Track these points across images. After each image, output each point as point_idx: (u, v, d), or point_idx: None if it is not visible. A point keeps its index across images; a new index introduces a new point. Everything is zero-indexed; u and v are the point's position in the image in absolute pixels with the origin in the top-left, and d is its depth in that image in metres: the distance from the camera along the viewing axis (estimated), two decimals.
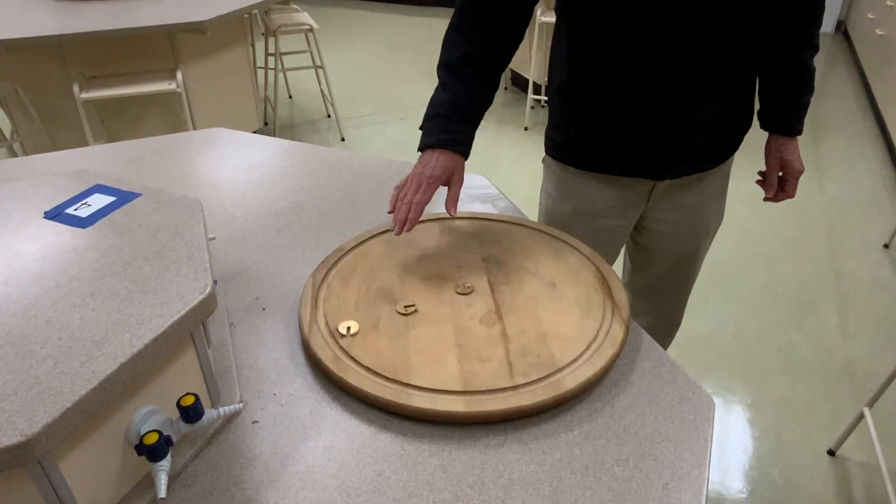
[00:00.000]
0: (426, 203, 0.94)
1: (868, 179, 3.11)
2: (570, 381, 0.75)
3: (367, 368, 0.77)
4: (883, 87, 3.70)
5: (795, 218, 2.78)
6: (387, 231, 1.04)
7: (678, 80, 0.99)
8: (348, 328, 0.83)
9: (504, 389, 0.74)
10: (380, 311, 0.87)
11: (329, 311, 0.86)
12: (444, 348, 0.80)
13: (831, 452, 1.70)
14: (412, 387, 0.74)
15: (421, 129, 1.01)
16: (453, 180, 0.98)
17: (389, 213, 0.96)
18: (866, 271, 2.43)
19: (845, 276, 2.41)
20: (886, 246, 2.57)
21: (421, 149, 0.99)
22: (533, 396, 0.73)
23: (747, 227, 2.72)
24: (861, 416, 1.61)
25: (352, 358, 0.78)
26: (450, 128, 0.98)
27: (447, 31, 1.02)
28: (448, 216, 1.08)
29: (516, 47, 1.04)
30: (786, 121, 1.13)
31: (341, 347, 0.80)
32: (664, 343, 1.48)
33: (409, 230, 0.93)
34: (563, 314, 0.86)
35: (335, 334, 0.82)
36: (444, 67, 1.01)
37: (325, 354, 0.79)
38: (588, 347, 0.80)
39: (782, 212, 2.82)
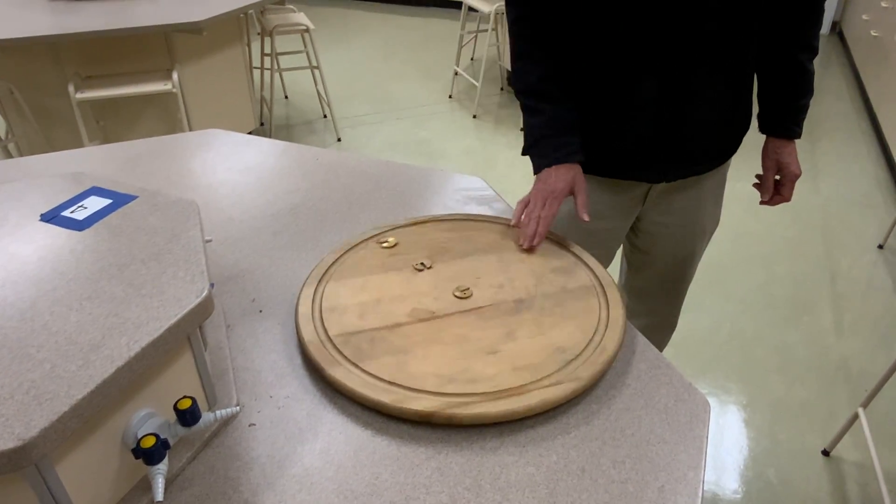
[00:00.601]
0: (553, 216, 1.01)
1: (863, 180, 3.12)
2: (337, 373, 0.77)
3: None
4: (877, 88, 3.71)
5: (791, 218, 2.79)
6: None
7: (674, 81, 0.99)
8: (389, 240, 0.99)
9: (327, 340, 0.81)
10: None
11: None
12: (378, 295, 0.89)
13: (826, 452, 1.70)
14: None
15: (525, 153, 1.08)
16: (577, 188, 1.04)
17: (513, 225, 1.05)
18: (861, 271, 2.44)
19: (840, 276, 2.42)
20: (881, 246, 2.58)
21: (537, 171, 1.05)
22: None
23: (743, 227, 2.73)
24: (855, 417, 1.62)
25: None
26: (559, 143, 1.04)
27: (516, 63, 1.07)
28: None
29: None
30: (784, 124, 1.13)
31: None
32: (660, 344, 1.48)
33: (538, 244, 0.99)
34: (444, 357, 0.79)
35: (377, 242, 0.99)
36: (527, 93, 1.06)
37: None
38: (393, 385, 0.75)
39: (778, 212, 2.82)
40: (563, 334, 0.83)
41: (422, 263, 0.94)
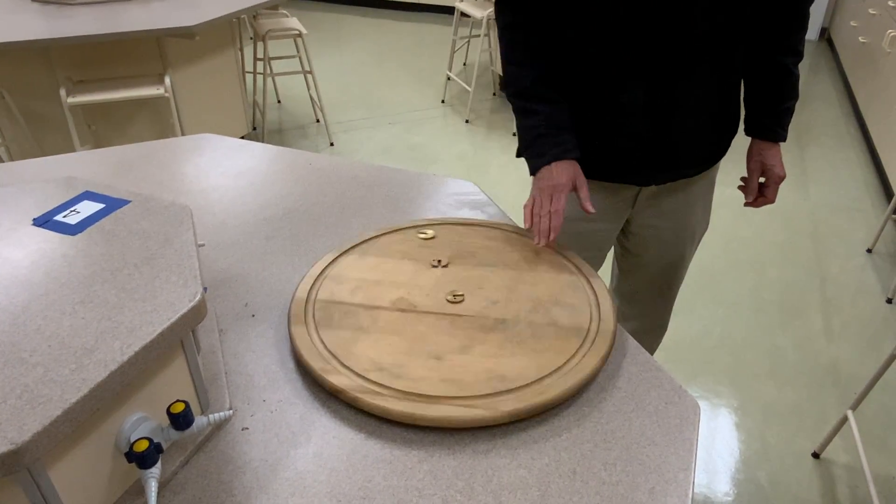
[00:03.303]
0: (562, 210, 1.01)
1: (851, 185, 3.15)
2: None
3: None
4: (865, 94, 3.75)
5: (781, 223, 2.81)
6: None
7: (662, 87, 1.00)
8: (427, 232, 0.97)
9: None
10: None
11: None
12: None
13: (816, 455, 1.72)
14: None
15: (521, 155, 1.08)
16: (579, 182, 1.04)
17: (527, 227, 1.04)
18: (850, 276, 2.47)
19: (829, 280, 2.44)
20: (869, 251, 2.60)
21: (534, 171, 1.05)
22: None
23: (734, 232, 2.75)
24: (845, 419, 1.63)
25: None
26: (557, 141, 1.04)
27: (507, 67, 1.09)
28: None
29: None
30: (769, 127, 1.15)
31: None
32: (651, 347, 1.49)
33: (553, 239, 1.00)
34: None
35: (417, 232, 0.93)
36: (520, 96, 1.07)
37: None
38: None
39: (768, 217, 2.85)
40: (514, 365, 0.79)
41: (437, 261, 0.93)
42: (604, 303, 0.89)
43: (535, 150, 1.05)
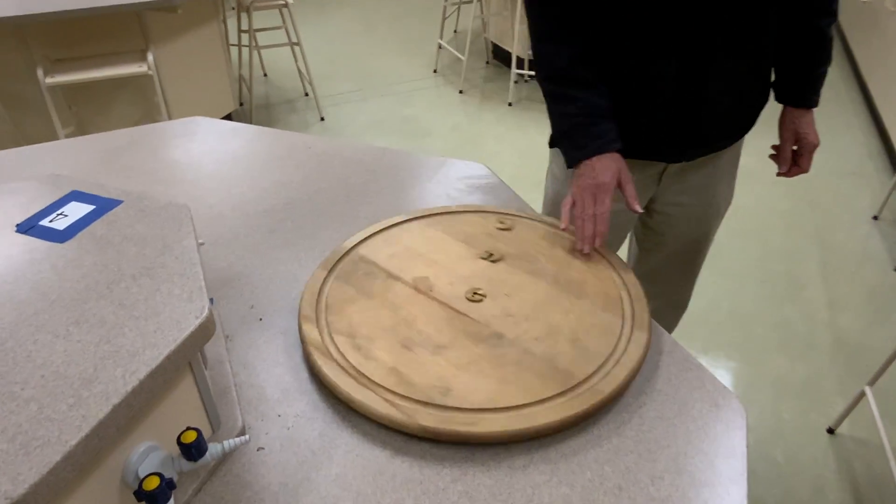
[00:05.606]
0: (607, 212, 0.92)
1: (854, 150, 3.09)
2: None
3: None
4: (867, 56, 3.68)
5: (784, 191, 2.76)
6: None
7: (694, 59, 0.94)
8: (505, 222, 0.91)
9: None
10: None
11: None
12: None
13: (831, 431, 1.69)
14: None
15: (555, 145, 1.00)
16: (623, 179, 0.95)
17: (564, 229, 0.95)
18: (857, 244, 2.43)
19: (835, 249, 2.40)
20: (876, 217, 2.56)
21: (572, 163, 0.96)
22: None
23: (737, 201, 2.68)
24: (862, 395, 1.60)
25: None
26: (595, 132, 0.95)
27: (538, 46, 0.98)
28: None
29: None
30: (802, 93, 1.10)
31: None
32: (671, 325, 1.45)
33: (599, 244, 0.91)
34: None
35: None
36: (555, 79, 0.98)
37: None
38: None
39: (771, 186, 2.79)
40: (464, 384, 0.72)
41: (489, 254, 0.91)
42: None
43: (572, 142, 0.96)
